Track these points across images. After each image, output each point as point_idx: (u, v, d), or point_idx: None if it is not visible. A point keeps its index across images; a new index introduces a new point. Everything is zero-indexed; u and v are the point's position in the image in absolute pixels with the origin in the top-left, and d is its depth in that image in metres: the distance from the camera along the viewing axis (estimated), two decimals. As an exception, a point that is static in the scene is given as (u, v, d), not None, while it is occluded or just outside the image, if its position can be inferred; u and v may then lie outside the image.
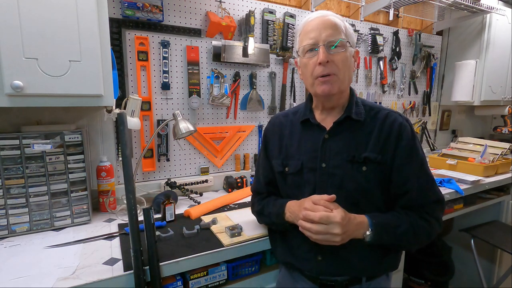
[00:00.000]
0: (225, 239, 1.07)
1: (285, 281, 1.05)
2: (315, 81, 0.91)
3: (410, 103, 2.47)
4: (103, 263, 0.93)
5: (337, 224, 0.79)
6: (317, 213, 0.81)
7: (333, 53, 0.87)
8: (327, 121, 0.96)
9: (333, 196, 0.84)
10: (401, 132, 0.90)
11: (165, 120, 1.48)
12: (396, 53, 2.28)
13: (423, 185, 0.91)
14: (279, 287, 1.09)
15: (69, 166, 1.18)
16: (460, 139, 2.28)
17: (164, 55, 1.48)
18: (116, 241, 1.09)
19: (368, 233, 0.85)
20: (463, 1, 1.98)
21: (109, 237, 1.12)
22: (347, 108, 0.94)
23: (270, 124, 1.09)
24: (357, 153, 0.90)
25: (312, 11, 1.90)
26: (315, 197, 0.86)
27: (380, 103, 2.30)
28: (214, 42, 1.59)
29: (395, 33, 2.27)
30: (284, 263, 1.04)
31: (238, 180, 1.68)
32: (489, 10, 2.12)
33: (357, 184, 0.89)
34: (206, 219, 1.25)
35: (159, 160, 1.57)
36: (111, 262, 0.94)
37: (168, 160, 1.58)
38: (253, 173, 1.77)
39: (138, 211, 1.10)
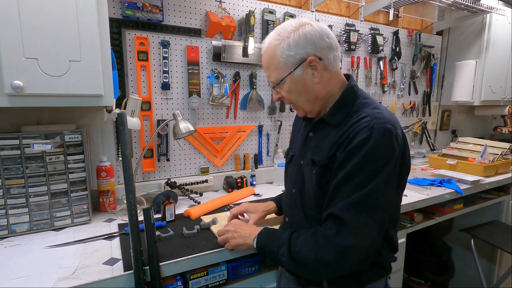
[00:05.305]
0: (225, 239, 1.07)
1: (281, 281, 1.07)
2: None
3: (410, 103, 2.47)
4: (103, 263, 0.93)
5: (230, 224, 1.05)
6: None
7: (278, 90, 0.90)
8: None
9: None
10: (354, 136, 0.78)
11: (165, 120, 1.48)
12: (396, 53, 2.28)
13: (333, 196, 0.80)
14: (278, 286, 1.10)
15: (69, 166, 1.18)
16: (460, 139, 2.28)
17: (164, 55, 1.48)
18: (116, 241, 1.09)
19: (255, 237, 0.94)
20: (463, 1, 1.98)
21: (109, 237, 1.12)
22: (327, 112, 0.90)
23: (296, 116, 1.13)
24: (316, 155, 0.87)
25: (312, 11, 1.90)
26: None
27: (380, 103, 2.29)
28: (214, 42, 1.59)
29: (395, 33, 2.27)
30: None
31: (238, 180, 1.68)
32: (489, 10, 2.12)
33: (310, 186, 0.89)
34: (206, 219, 1.25)
35: (159, 160, 1.57)
36: (111, 262, 0.94)
37: (168, 160, 1.58)
38: (253, 173, 1.78)
39: (138, 211, 1.10)
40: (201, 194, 1.58)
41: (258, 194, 1.64)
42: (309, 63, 0.83)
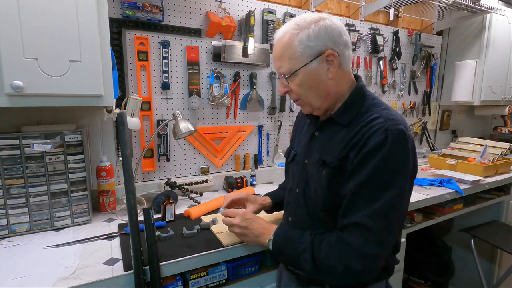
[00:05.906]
0: (225, 239, 1.07)
1: (282, 280, 1.06)
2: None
3: (410, 103, 2.47)
4: (103, 263, 0.93)
5: (239, 217, 0.97)
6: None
7: (289, 82, 0.86)
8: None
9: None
10: (368, 138, 0.76)
11: (165, 120, 1.48)
12: (396, 53, 2.28)
13: (352, 202, 0.77)
14: (278, 287, 1.10)
15: (69, 166, 1.18)
16: (460, 139, 2.28)
17: (164, 55, 1.48)
18: (116, 241, 1.09)
19: (270, 238, 0.90)
20: (463, 1, 1.98)
21: (109, 237, 1.12)
22: (336, 111, 0.88)
23: (298, 114, 1.13)
24: (326, 155, 0.85)
25: (312, 11, 1.90)
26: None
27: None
28: (214, 42, 1.59)
29: (395, 33, 2.27)
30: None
31: (238, 180, 1.68)
32: (489, 10, 2.12)
33: (317, 186, 0.86)
34: (206, 219, 1.25)
35: (159, 160, 1.57)
36: (111, 262, 0.94)
37: (168, 160, 1.58)
38: (253, 173, 1.78)
39: (138, 211, 1.10)
40: (201, 194, 1.58)
41: (258, 194, 1.64)
42: (327, 57, 0.81)
